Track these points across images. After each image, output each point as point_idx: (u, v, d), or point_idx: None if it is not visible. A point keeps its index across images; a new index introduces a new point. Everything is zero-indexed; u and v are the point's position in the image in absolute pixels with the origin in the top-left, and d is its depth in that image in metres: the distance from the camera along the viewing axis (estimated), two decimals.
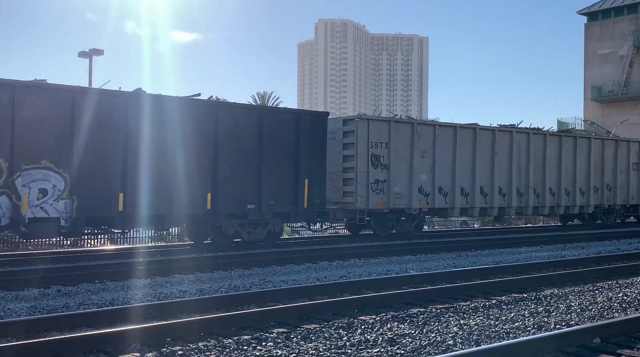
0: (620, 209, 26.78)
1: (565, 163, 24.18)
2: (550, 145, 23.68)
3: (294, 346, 6.30)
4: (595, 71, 55.78)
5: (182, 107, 15.15)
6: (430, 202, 20.19)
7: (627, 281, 10.71)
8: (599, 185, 25.51)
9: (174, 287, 10.29)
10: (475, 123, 22.58)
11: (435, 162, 20.37)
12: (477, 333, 6.85)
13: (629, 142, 27.06)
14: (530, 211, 23.41)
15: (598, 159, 25.48)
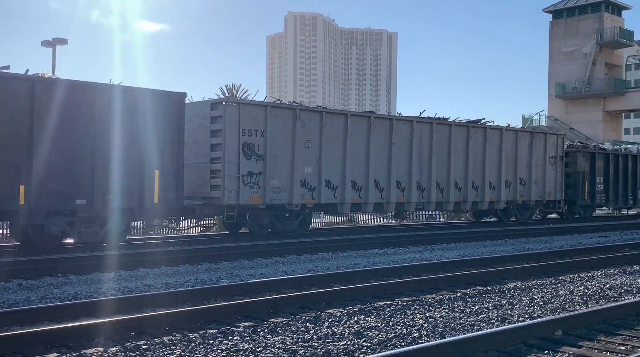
0: (536, 205, 25.58)
1: (473, 156, 22.53)
2: (456, 136, 22.05)
3: (260, 340, 6.28)
4: (560, 68, 56.86)
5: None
6: (316, 197, 18.30)
7: (588, 275, 10.95)
8: (511, 179, 23.95)
9: (139, 281, 10.16)
10: (370, 111, 21.57)
11: (322, 153, 18.40)
12: (442, 325, 6.92)
13: (545, 135, 25.77)
14: (433, 206, 21.71)
15: (511, 151, 23.94)
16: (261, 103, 17.84)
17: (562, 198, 26.05)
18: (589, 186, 27.48)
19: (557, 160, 25.82)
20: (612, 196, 28.56)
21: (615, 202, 29.17)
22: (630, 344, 6.25)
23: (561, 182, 25.97)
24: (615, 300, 8.55)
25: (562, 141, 26.50)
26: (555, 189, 25.76)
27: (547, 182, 25.26)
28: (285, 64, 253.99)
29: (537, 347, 6.07)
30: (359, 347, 5.99)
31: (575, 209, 27.62)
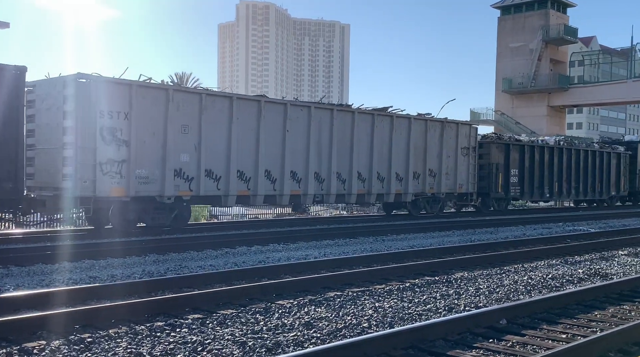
0: (447, 198, 24.30)
1: (379, 145, 21.07)
2: (360, 124, 20.51)
3: (209, 332, 6.22)
4: (507, 64, 58.17)
5: None
6: (194, 188, 16.31)
7: (531, 265, 11.28)
8: (420, 171, 22.58)
9: (84, 273, 9.91)
10: (262, 94, 19.24)
11: (202, 139, 16.41)
12: (391, 316, 7.00)
13: (457, 125, 24.15)
14: (333, 199, 20.16)
15: (420, 142, 22.51)
16: (124, 81, 15.25)
17: (474, 190, 24.80)
18: (502, 178, 26.23)
19: (469, 152, 24.52)
20: (528, 188, 27.54)
21: (530, 195, 28.06)
22: (571, 332, 6.46)
23: (474, 174, 24.71)
24: (557, 290, 8.83)
25: (474, 132, 25.17)
26: (468, 181, 24.45)
27: (458, 174, 24.02)
28: (237, 54, 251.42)
29: (482, 336, 6.21)
30: (308, 338, 6.00)
31: (489, 202, 26.44)
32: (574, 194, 30.70)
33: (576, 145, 31.25)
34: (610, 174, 32.69)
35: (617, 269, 10.88)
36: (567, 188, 29.90)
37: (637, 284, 9.03)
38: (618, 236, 16.80)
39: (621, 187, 33.72)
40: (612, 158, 32.89)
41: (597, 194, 31.97)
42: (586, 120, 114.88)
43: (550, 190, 28.73)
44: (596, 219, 23.81)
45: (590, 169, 31.31)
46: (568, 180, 29.89)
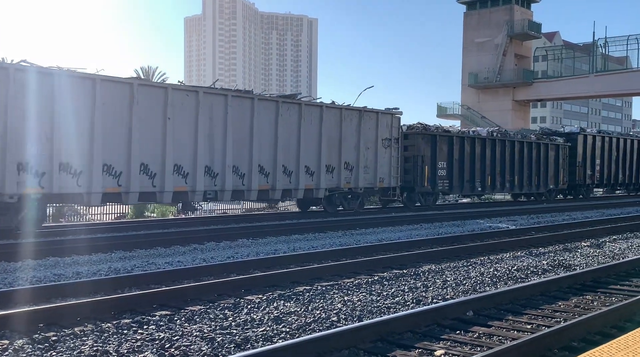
0: (366, 193, 22.32)
1: (285, 135, 18.94)
2: (262, 112, 18.36)
3: (177, 328, 6.17)
4: (473, 59, 58.91)
5: None
6: (46, 184, 13.92)
7: (497, 257, 11.46)
8: (335, 164, 20.60)
9: (49, 270, 9.73)
10: (136, 77, 17.03)
11: (54, 128, 14.03)
12: (360, 309, 7.04)
13: (377, 114, 22.19)
14: (229, 195, 18.00)
15: (334, 132, 20.53)
16: None
17: (397, 185, 22.96)
18: (429, 172, 24.40)
19: (391, 143, 22.63)
20: (457, 182, 25.76)
21: (460, 189, 26.29)
22: (535, 322, 6.59)
23: (397, 167, 22.88)
24: (523, 281, 8.99)
25: (397, 122, 23.09)
26: (390, 175, 22.54)
27: (379, 167, 22.08)
28: (204, 48, 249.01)
29: (449, 328, 6.29)
30: (278, 333, 6.00)
31: (415, 196, 24.56)
32: (509, 188, 28.99)
33: (511, 136, 29.52)
34: (548, 167, 31.08)
35: (580, 260, 11.13)
36: (501, 181, 28.14)
37: (599, 274, 9.25)
38: (580, 227, 17.18)
39: (560, 180, 32.13)
40: (549, 150, 31.27)
41: (534, 187, 30.36)
42: (550, 114, 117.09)
43: (482, 184, 26.94)
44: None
45: (527, 162, 29.59)
46: (502, 173, 28.10)
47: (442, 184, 25.12)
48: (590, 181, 34.36)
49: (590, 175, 34.23)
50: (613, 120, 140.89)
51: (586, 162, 33.65)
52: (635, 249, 12.84)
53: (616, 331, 6.07)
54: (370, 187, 22.09)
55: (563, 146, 32.31)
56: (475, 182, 26.57)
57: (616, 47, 55.82)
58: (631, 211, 24.79)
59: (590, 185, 34.80)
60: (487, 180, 27.12)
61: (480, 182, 26.79)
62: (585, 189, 34.68)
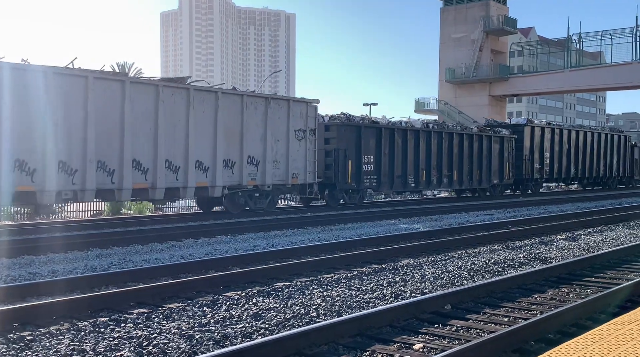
0: (276, 191, 19.90)
1: (168, 126, 16.55)
2: (137, 99, 15.99)
3: (155, 326, 6.12)
4: (450, 54, 59.22)
5: None
6: None
7: (474, 250, 11.56)
8: (235, 158, 18.28)
9: (23, 269, 9.58)
10: None
11: None
12: (339, 304, 7.06)
13: (289, 102, 20.06)
14: (92, 195, 15.42)
15: (234, 122, 18.24)
16: None
17: (314, 181, 20.76)
18: (353, 167, 22.30)
19: (307, 135, 20.38)
20: (387, 178, 23.66)
21: (390, 186, 24.12)
22: (512, 315, 6.67)
23: (314, 162, 20.67)
24: (499, 274, 9.08)
25: (314, 111, 20.82)
26: (305, 170, 20.34)
27: (292, 162, 19.87)
28: (181, 43, 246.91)
29: (428, 322, 6.33)
30: (257, 329, 5.98)
31: (338, 194, 22.43)
32: (447, 184, 27.18)
33: (449, 128, 27.56)
34: (492, 161, 29.19)
35: (555, 253, 11.28)
36: (438, 177, 26.24)
37: (574, 267, 9.39)
38: (556, 221, 17.41)
39: (505, 175, 30.32)
40: (493, 142, 29.33)
41: (475, 183, 28.49)
42: (525, 109, 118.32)
43: (415, 180, 25.04)
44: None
45: (467, 155, 27.72)
46: (439, 168, 26.20)
47: (369, 180, 23.04)
48: (539, 175, 32.97)
49: (539, 169, 32.80)
50: (587, 114, 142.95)
51: (534, 155, 32.28)
52: (609, 242, 13.05)
53: (591, 323, 6.16)
54: (281, 184, 19.90)
55: (508, 138, 30.59)
56: (408, 178, 24.75)
57: (590, 43, 56.49)
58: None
59: (539, 179, 33.43)
60: (421, 175, 25.31)
61: (413, 178, 24.96)
62: (533, 184, 33.22)
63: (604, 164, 39.43)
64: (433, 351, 5.35)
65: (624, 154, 42.43)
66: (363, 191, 23.47)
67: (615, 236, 14.02)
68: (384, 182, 23.80)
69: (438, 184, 26.74)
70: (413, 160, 24.98)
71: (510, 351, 5.32)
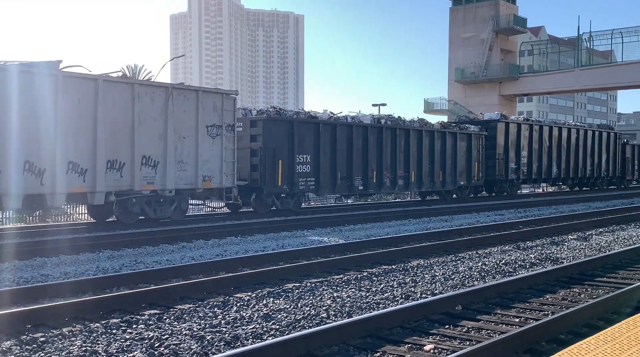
0: (180, 196, 17.05)
1: (26, 118, 13.63)
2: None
3: (166, 327, 6.15)
4: (459, 54, 59.09)
5: None
6: None
7: (485, 251, 11.52)
8: (125, 159, 15.50)
9: (35, 271, 9.66)
10: None
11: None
12: (350, 305, 7.06)
13: (197, 93, 17.25)
14: None
15: (122, 115, 15.43)
16: None
17: (233, 185, 18.19)
18: (285, 168, 19.64)
19: (223, 131, 17.78)
20: (327, 179, 21.01)
21: (332, 189, 21.40)
22: (523, 316, 6.64)
23: (233, 163, 18.09)
24: (510, 275, 9.05)
25: (232, 104, 18.10)
26: (221, 172, 17.74)
27: (203, 163, 17.30)
28: (190, 45, 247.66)
29: (438, 322, 6.32)
30: (267, 330, 6.00)
31: (267, 199, 19.71)
32: (403, 185, 24.31)
33: (405, 124, 24.56)
34: (457, 160, 26.32)
35: (567, 253, 11.22)
36: (392, 178, 23.50)
37: (586, 267, 9.33)
38: (568, 221, 17.31)
39: (474, 176, 27.37)
40: (459, 140, 26.45)
41: (438, 184, 25.63)
42: (536, 108, 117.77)
43: (364, 181, 22.32)
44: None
45: (427, 154, 24.98)
46: (393, 168, 23.49)
47: (305, 182, 20.34)
48: (515, 176, 30.04)
49: (515, 169, 29.89)
50: (598, 113, 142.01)
51: (509, 153, 29.38)
52: (622, 242, 12.96)
53: (603, 323, 6.12)
54: (189, 189, 17.18)
55: (477, 136, 27.61)
56: (354, 180, 21.98)
57: (600, 42, 56.20)
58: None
59: (515, 180, 30.33)
60: (371, 177, 22.56)
61: (361, 180, 22.23)
62: (509, 185, 30.26)
63: (591, 164, 36.48)
64: (444, 352, 5.34)
65: (614, 152, 39.22)
66: (299, 195, 20.72)
67: (627, 236, 13.92)
68: (325, 185, 21.12)
69: (392, 186, 23.84)
70: (361, 159, 22.28)
71: (521, 351, 5.30)
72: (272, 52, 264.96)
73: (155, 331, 6.01)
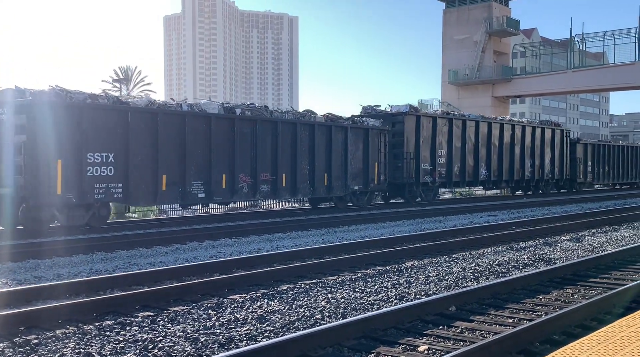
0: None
1: None
2: None
3: (160, 329, 6.13)
4: (452, 56, 59.27)
5: None
6: None
7: (479, 252, 11.55)
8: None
9: (29, 273, 9.61)
10: None
11: None
12: (344, 306, 7.06)
13: None
14: None
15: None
16: None
17: None
18: (69, 171, 14.42)
19: None
20: (142, 186, 15.87)
21: (152, 198, 16.40)
22: (517, 316, 6.66)
23: None
24: (504, 275, 9.07)
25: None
26: None
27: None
28: (184, 46, 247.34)
29: (432, 323, 6.33)
30: (262, 332, 5.99)
31: (45, 214, 14.66)
32: (269, 192, 19.03)
33: (272, 115, 19.34)
34: (349, 160, 21.32)
35: (559, 254, 11.26)
36: (251, 183, 18.38)
37: (579, 268, 9.37)
38: (560, 222, 17.38)
39: (373, 179, 22.44)
40: (350, 136, 21.39)
41: (320, 190, 20.57)
42: (529, 110, 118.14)
43: (207, 187, 17.25)
44: None
45: (306, 153, 19.98)
46: (253, 170, 18.40)
47: (106, 189, 15.10)
48: (431, 179, 25.11)
49: (430, 170, 25.04)
50: (591, 115, 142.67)
51: (421, 153, 24.45)
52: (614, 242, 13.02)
53: (596, 324, 6.15)
54: None
55: (378, 131, 22.58)
56: (191, 186, 16.87)
57: (593, 43, 56.49)
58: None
59: (430, 183, 25.20)
60: (218, 181, 17.55)
61: (203, 185, 17.18)
62: (423, 190, 25.22)
63: (531, 165, 31.43)
64: (438, 353, 5.35)
65: (560, 151, 34.21)
66: (98, 207, 15.30)
67: (620, 237, 13.99)
68: (138, 192, 15.78)
69: (252, 193, 18.59)
70: (202, 159, 17.13)
71: (515, 352, 5.32)
72: (266, 54, 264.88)
73: (149, 333, 6.00)
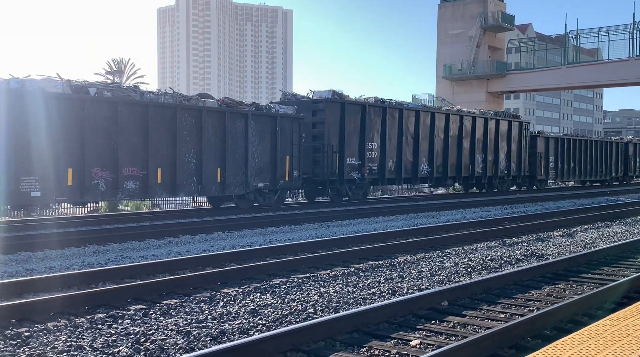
0: None
1: None
2: None
3: (152, 322, 6.12)
4: (447, 50, 59.23)
5: None
6: None
7: (471, 247, 11.58)
8: None
9: (20, 265, 9.57)
10: None
11: None
12: (336, 300, 7.07)
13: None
14: None
15: None
16: None
17: None
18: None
19: None
20: None
21: None
22: (509, 311, 6.68)
23: None
24: (496, 271, 9.10)
25: None
26: None
27: None
28: (178, 39, 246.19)
29: (424, 318, 6.34)
30: (254, 326, 5.99)
31: None
32: (138, 190, 16.06)
33: (143, 98, 16.23)
34: (250, 153, 18.55)
35: (552, 250, 11.30)
36: (111, 179, 15.37)
37: (571, 263, 9.41)
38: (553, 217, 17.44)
39: (283, 174, 19.83)
40: (252, 125, 18.59)
41: (211, 188, 17.82)
42: (523, 105, 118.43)
43: (42, 184, 14.06)
44: None
45: (194, 144, 17.18)
46: (113, 164, 15.41)
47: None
48: (359, 175, 22.33)
49: (358, 166, 22.23)
50: (585, 111, 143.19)
51: (347, 146, 21.66)
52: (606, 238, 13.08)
53: (587, 319, 6.18)
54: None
55: (289, 119, 19.87)
56: (19, 182, 13.71)
57: (587, 39, 56.53)
58: None
59: (358, 180, 22.36)
60: (62, 176, 14.48)
61: (37, 182, 14.00)
62: (351, 187, 22.45)
63: (483, 160, 28.72)
64: (430, 347, 5.37)
65: (518, 146, 31.54)
66: None
67: (612, 233, 14.05)
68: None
69: (112, 192, 15.44)
70: (35, 150, 13.98)
71: (506, 347, 5.33)
72: (260, 47, 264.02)
73: (141, 326, 5.98)
